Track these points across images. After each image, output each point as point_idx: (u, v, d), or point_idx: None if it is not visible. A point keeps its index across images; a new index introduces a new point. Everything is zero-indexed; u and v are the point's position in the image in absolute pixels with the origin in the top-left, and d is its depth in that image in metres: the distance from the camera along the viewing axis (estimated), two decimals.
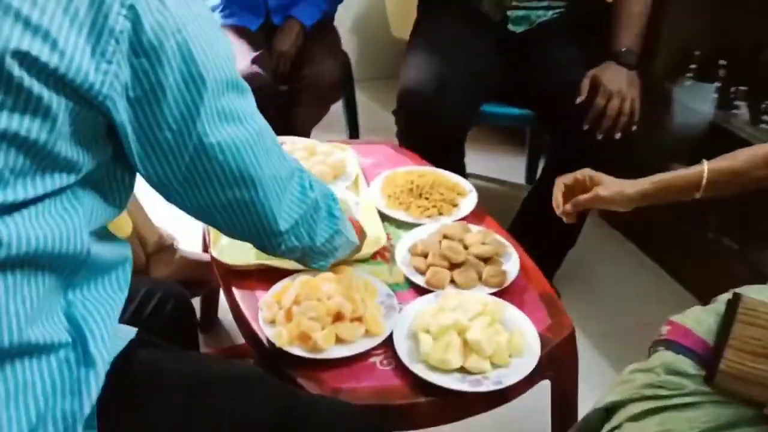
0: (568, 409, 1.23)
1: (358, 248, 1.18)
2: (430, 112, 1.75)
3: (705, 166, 1.19)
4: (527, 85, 1.89)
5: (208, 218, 0.85)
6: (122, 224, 1.44)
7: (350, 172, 1.53)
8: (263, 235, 0.88)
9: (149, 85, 0.68)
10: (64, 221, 0.69)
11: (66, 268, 0.71)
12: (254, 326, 1.14)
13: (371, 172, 1.59)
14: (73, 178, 0.69)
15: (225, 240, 1.29)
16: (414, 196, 1.47)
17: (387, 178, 1.52)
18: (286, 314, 1.12)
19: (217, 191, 0.79)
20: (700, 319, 1.03)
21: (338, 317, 1.11)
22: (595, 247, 2.24)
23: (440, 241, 1.29)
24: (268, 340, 1.10)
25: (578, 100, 1.68)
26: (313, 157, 1.54)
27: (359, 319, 1.11)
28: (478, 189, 1.52)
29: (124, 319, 1.04)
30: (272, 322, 1.13)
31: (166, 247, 1.62)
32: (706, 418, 0.91)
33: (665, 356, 1.00)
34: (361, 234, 1.16)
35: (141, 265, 1.54)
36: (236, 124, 0.77)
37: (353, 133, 2.53)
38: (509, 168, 2.53)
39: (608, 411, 1.01)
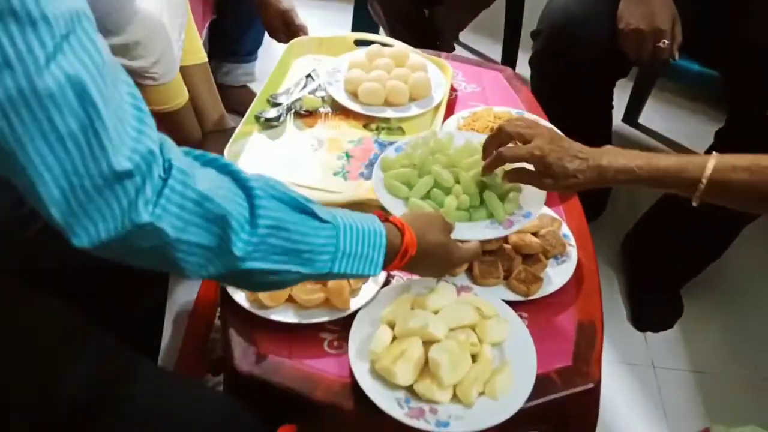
0: None
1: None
2: (575, 38, 1.39)
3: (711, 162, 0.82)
4: (715, 35, 1.41)
5: None
6: (171, 93, 1.32)
7: (434, 97, 1.26)
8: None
9: None
10: None
11: None
12: None
13: (463, 103, 1.31)
14: None
15: None
16: None
17: (470, 116, 1.23)
18: None
19: None
20: None
21: None
22: (756, 259, 1.76)
23: None
24: None
25: None
26: (398, 68, 1.29)
27: (324, 285, 0.91)
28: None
29: None
30: None
31: (225, 129, 1.49)
32: None
33: None
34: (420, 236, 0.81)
35: (196, 141, 1.43)
36: None
37: (509, 49, 2.03)
38: (696, 136, 2.03)
39: None
